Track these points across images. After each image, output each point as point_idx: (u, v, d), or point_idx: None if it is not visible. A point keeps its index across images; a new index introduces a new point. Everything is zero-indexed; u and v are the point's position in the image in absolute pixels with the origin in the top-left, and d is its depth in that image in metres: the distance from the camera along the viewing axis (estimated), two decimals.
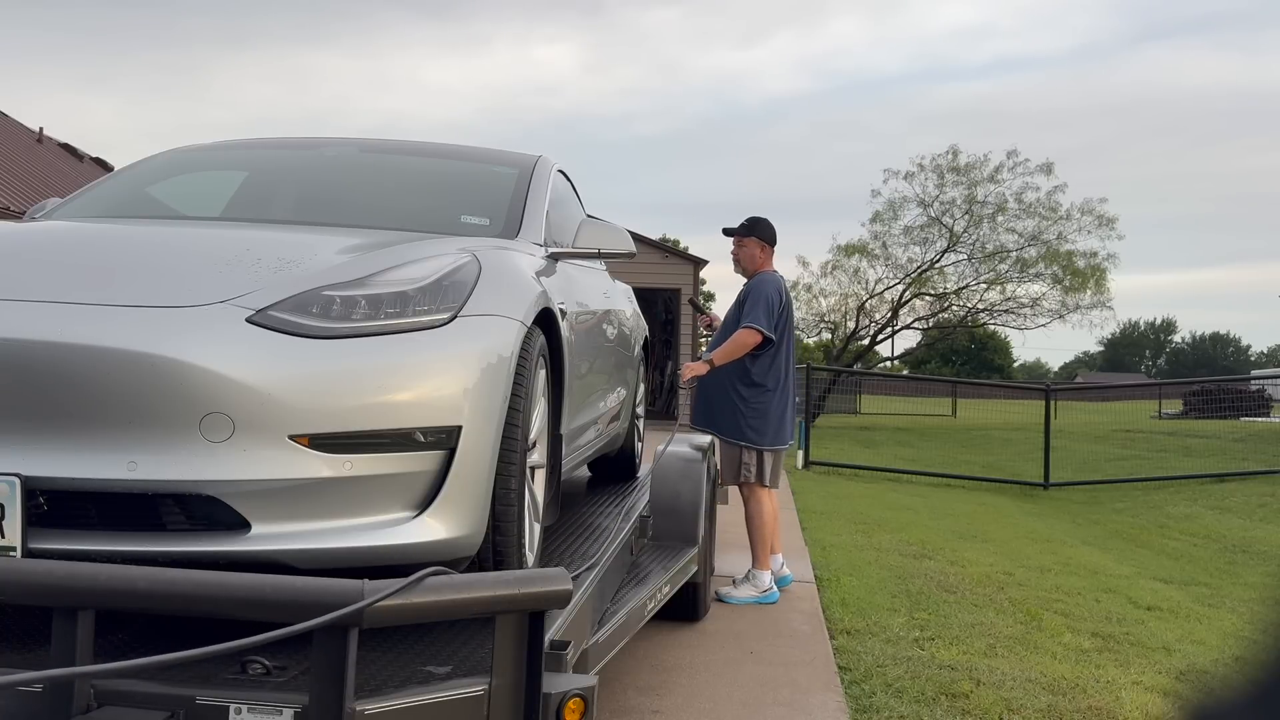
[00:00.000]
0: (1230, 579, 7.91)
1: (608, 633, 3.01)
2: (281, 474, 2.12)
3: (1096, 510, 12.46)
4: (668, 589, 3.91)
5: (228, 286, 2.24)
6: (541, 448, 2.85)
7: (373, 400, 2.22)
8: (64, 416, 2.07)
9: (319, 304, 2.25)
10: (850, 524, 8.68)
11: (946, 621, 5.13)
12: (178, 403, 2.07)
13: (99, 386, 2.06)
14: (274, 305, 2.21)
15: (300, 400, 2.14)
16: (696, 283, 26.81)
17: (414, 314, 2.34)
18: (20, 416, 2.06)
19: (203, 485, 2.09)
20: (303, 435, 2.14)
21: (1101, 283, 27.48)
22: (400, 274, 2.40)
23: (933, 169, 28.32)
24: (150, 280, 2.30)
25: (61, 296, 2.17)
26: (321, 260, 2.46)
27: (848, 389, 27.55)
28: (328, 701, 1.91)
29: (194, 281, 2.29)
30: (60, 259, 2.47)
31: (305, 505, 2.17)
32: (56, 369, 2.05)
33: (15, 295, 2.16)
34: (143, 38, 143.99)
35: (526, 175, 3.66)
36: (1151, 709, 3.89)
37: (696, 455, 4.71)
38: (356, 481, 2.20)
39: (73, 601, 1.97)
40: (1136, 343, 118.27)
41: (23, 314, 2.11)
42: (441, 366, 2.34)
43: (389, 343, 2.28)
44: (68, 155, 21.39)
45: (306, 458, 2.15)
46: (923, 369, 45.83)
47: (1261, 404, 22.24)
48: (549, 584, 2.11)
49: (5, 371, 2.05)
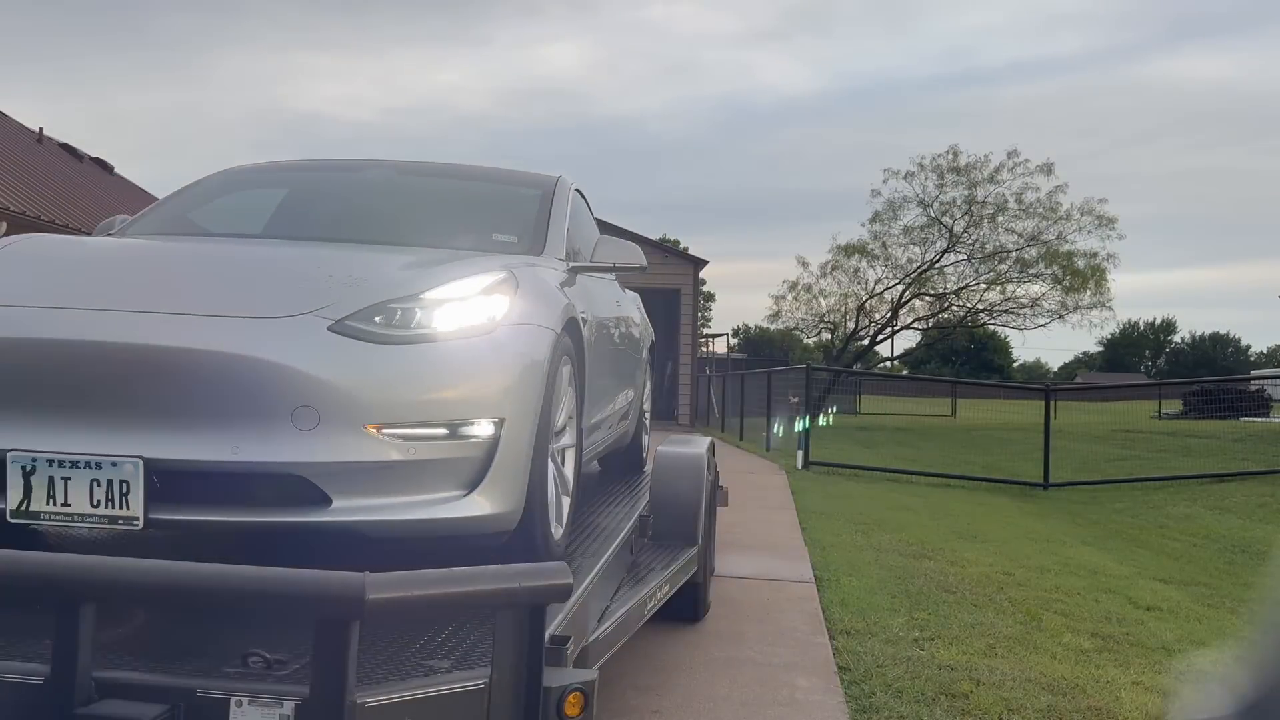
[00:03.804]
0: (1230, 579, 7.91)
1: (607, 630, 3.02)
2: (357, 457, 2.48)
3: (1096, 510, 12.46)
4: (667, 588, 3.92)
5: (310, 300, 2.62)
6: (570, 434, 3.27)
7: (431, 396, 2.59)
8: (179, 408, 2.43)
9: (385, 314, 2.61)
10: (850, 524, 8.69)
11: (946, 621, 5.14)
12: (273, 397, 2.43)
13: (209, 383, 2.43)
14: (349, 316, 2.58)
15: (372, 395, 2.50)
16: (696, 283, 26.82)
17: (464, 323, 2.71)
18: (143, 408, 2.43)
19: (292, 466, 2.44)
20: (374, 424, 2.49)
21: (1101, 283, 27.50)
22: (452, 289, 2.77)
23: (933, 169, 28.35)
24: (247, 294, 2.71)
25: (176, 308, 2.56)
26: (384, 276, 2.84)
27: (847, 389, 27.56)
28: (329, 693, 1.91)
29: (283, 295, 2.68)
30: (165, 274, 2.90)
31: (375, 484, 2.51)
32: (173, 369, 2.44)
33: (134, 307, 2.56)
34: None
35: (549, 196, 4.06)
36: (1151, 709, 3.89)
37: (696, 455, 4.72)
38: (418, 464, 2.55)
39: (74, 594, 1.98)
40: (1136, 343, 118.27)
41: (144, 323, 2.49)
42: (488, 368, 2.71)
43: (444, 347, 2.65)
44: (68, 155, 21.38)
45: (378, 444, 2.50)
46: (922, 369, 45.85)
47: (1261, 404, 22.23)
48: (549, 578, 2.12)
49: (130, 371, 2.43)
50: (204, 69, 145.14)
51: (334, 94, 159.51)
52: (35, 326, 2.51)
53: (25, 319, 2.54)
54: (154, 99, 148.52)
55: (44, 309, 2.59)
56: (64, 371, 2.45)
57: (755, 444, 18.27)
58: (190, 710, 1.98)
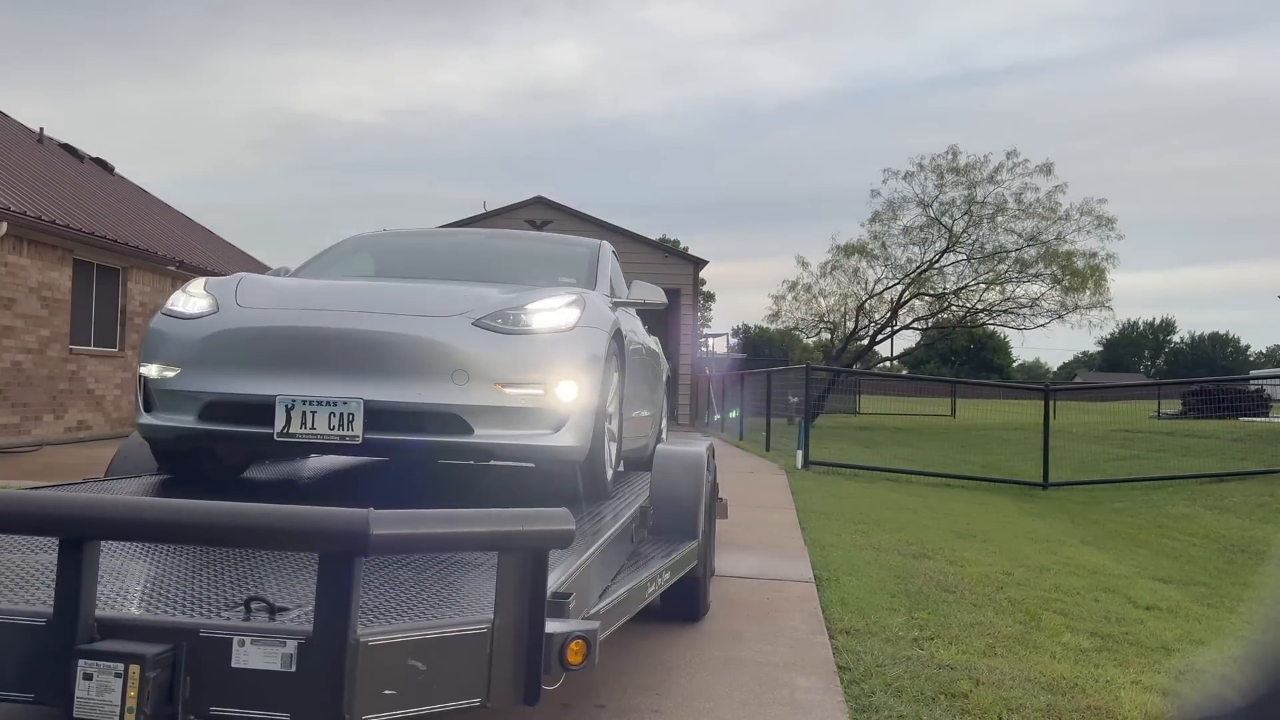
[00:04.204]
0: (1229, 579, 7.91)
1: (608, 605, 3.04)
2: (490, 403, 3.79)
3: (1095, 510, 12.46)
4: (668, 575, 3.96)
5: (459, 307, 3.98)
6: (615, 404, 4.63)
7: (534, 368, 3.88)
8: (384, 369, 3.73)
9: (504, 317, 3.95)
10: (849, 524, 8.69)
11: (946, 621, 5.14)
12: (441, 363, 3.76)
13: (402, 354, 3.75)
14: (484, 316, 3.93)
15: (498, 364, 3.81)
16: (696, 283, 26.82)
17: (552, 324, 4.02)
18: (363, 369, 3.73)
19: (452, 408, 3.75)
20: (500, 383, 3.81)
21: (1101, 283, 27.49)
22: (545, 303, 4.11)
23: (932, 169, 28.35)
24: (421, 304, 4.02)
25: (380, 310, 3.92)
26: (501, 296, 4.16)
27: (847, 389, 27.56)
28: (332, 631, 1.91)
29: (442, 305, 4.01)
30: (363, 293, 4.27)
31: (500, 420, 3.82)
32: (380, 345, 3.76)
33: (359, 308, 3.94)
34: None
35: (595, 252, 5.62)
36: (1150, 708, 3.89)
37: (696, 452, 4.79)
38: (526, 410, 3.86)
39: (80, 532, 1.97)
40: (1135, 343, 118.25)
41: (362, 318, 3.85)
42: (568, 353, 4.00)
43: (540, 338, 3.96)
44: (68, 155, 21.37)
45: (502, 394, 3.81)
46: (922, 369, 45.82)
47: (1260, 404, 22.23)
48: (552, 523, 2.13)
49: (353, 347, 3.75)
50: (202, 69, 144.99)
51: (333, 94, 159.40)
52: (294, 320, 3.90)
53: (284, 316, 3.93)
54: (153, 99, 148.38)
55: (296, 309, 3.99)
56: (311, 347, 3.77)
57: (755, 444, 18.28)
58: (192, 649, 1.98)
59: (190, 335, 3.91)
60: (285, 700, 1.95)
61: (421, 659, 2.05)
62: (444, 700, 2.08)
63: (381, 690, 1.98)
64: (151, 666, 1.91)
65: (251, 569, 2.65)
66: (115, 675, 1.89)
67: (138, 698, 1.89)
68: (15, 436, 13.54)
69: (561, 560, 2.81)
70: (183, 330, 3.95)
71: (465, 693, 2.10)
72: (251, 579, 2.51)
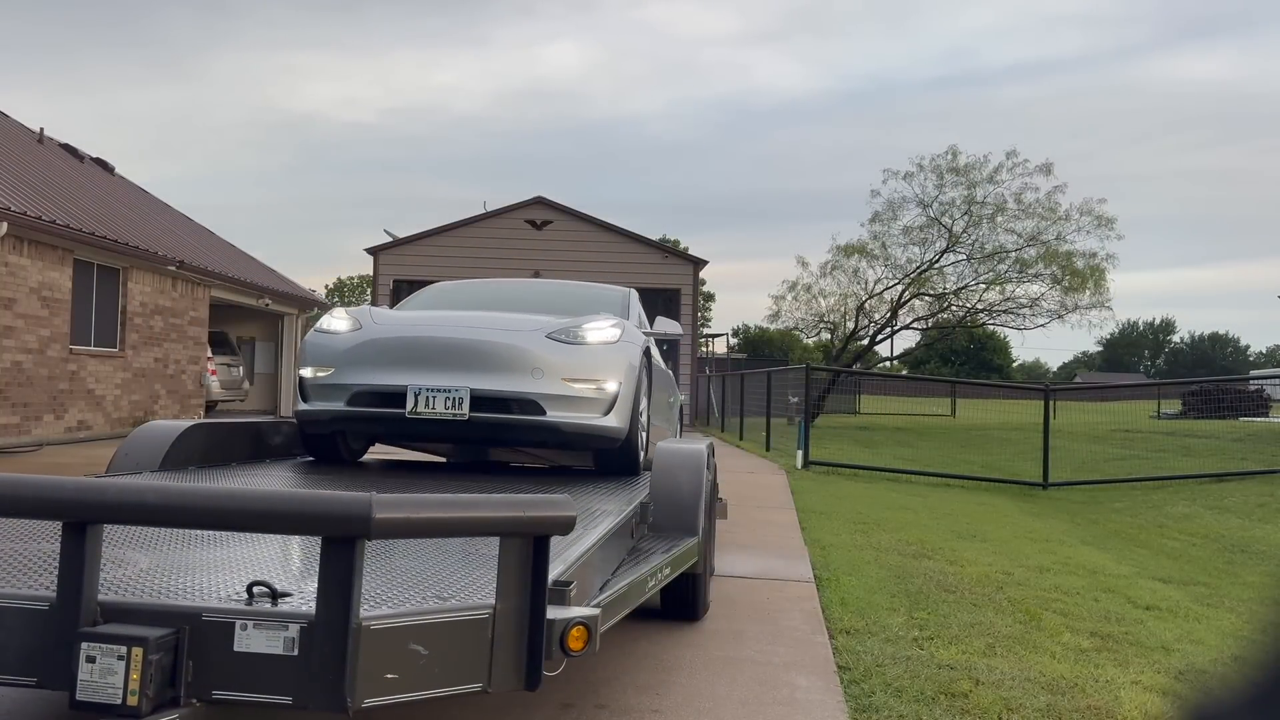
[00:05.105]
0: (1229, 578, 7.92)
1: (609, 598, 3.04)
2: (558, 392, 5.19)
3: (1095, 510, 12.47)
4: (668, 571, 3.96)
5: (536, 325, 5.41)
6: (645, 403, 5.90)
7: (590, 368, 5.29)
8: (485, 367, 5.14)
9: (567, 333, 5.37)
10: (849, 524, 8.69)
11: (946, 621, 5.14)
12: (523, 363, 5.18)
13: (498, 356, 5.17)
14: (553, 332, 5.35)
15: (564, 365, 5.23)
16: (696, 283, 26.82)
17: (602, 338, 5.44)
18: (469, 367, 5.14)
19: (531, 395, 5.15)
20: (566, 378, 5.21)
21: (1100, 283, 27.46)
22: (596, 323, 5.53)
23: (932, 169, 28.33)
24: (508, 324, 5.46)
25: (482, 327, 5.38)
26: (564, 320, 5.55)
27: (847, 389, 27.56)
28: (334, 614, 1.91)
29: (524, 324, 5.45)
30: (466, 317, 5.65)
31: (565, 405, 5.21)
32: (483, 351, 5.19)
33: (463, 325, 5.42)
34: None
35: (626, 295, 7.09)
36: (1150, 708, 3.89)
37: (697, 450, 4.82)
38: (583, 399, 5.25)
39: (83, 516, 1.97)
40: (1135, 343, 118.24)
41: (470, 332, 5.31)
42: (614, 358, 5.42)
43: (594, 348, 5.38)
44: (68, 155, 21.37)
45: (567, 386, 5.21)
46: (922, 369, 45.83)
47: (1260, 404, 22.23)
48: (553, 509, 2.13)
49: (464, 352, 5.18)
50: (202, 69, 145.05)
51: (331, 94, 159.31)
52: (418, 333, 5.40)
53: (411, 331, 5.44)
54: (152, 99, 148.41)
55: (418, 326, 5.49)
56: (431, 353, 5.22)
57: (755, 444, 18.28)
58: (195, 633, 1.98)
59: (341, 345, 5.38)
60: (287, 684, 1.95)
61: (423, 643, 2.05)
62: (446, 685, 2.08)
63: (383, 674, 1.98)
64: (154, 649, 1.90)
65: (255, 555, 2.66)
66: (118, 658, 1.89)
67: (140, 680, 1.88)
68: (15, 436, 13.54)
69: (562, 551, 2.81)
70: (334, 342, 5.42)
71: (467, 677, 2.10)
72: (255, 565, 2.52)
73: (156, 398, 17.69)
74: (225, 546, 2.80)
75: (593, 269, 25.11)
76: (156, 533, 3.01)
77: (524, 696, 3.59)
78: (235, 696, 1.96)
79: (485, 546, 2.77)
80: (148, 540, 2.90)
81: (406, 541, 2.85)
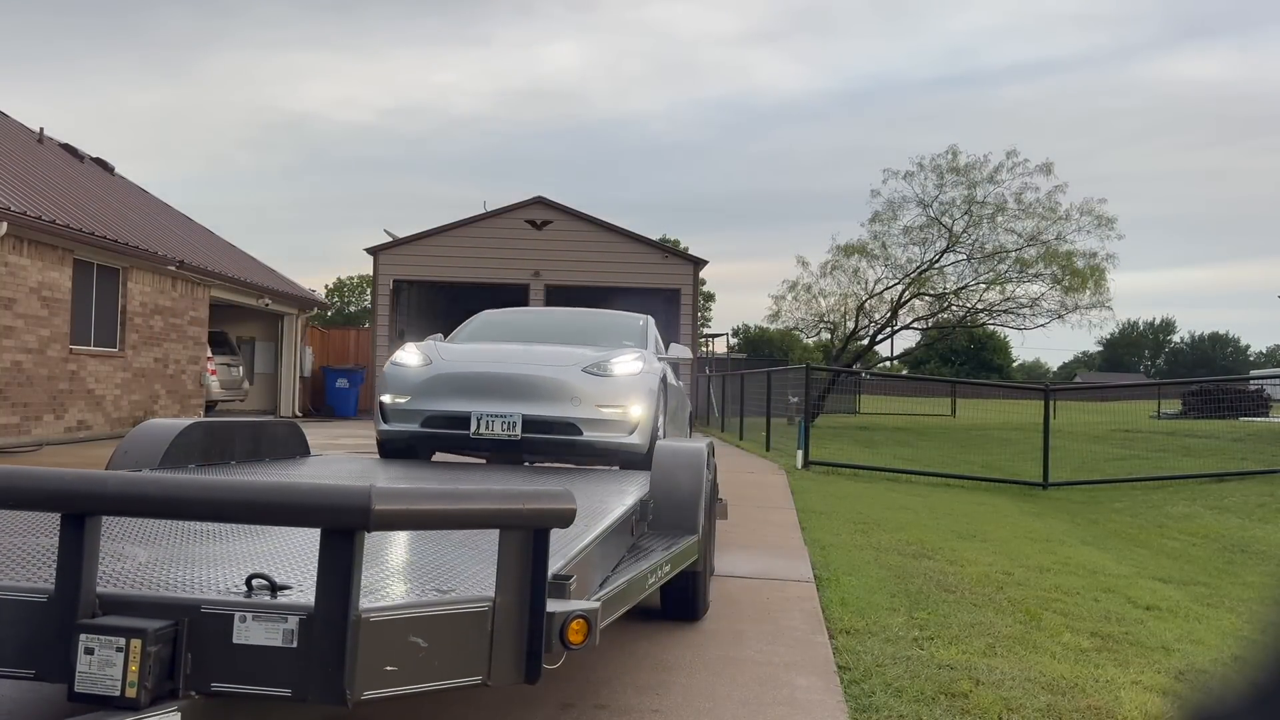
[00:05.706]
0: (1229, 578, 7.91)
1: (609, 594, 3.04)
2: (592, 415, 6.34)
3: (1095, 510, 12.47)
4: (668, 568, 3.96)
5: (573, 360, 6.56)
6: (663, 421, 6.90)
7: (618, 396, 6.40)
8: (533, 396, 6.33)
9: (598, 367, 6.48)
10: (849, 524, 8.69)
11: (946, 621, 5.14)
12: (564, 393, 6.36)
13: (544, 388, 6.37)
14: (587, 366, 6.48)
15: (597, 393, 6.37)
16: (696, 283, 26.81)
17: (627, 371, 6.52)
18: (520, 396, 6.34)
19: (570, 419, 6.33)
20: (598, 404, 6.35)
21: (1101, 283, 27.44)
22: (622, 357, 6.63)
23: (932, 169, 28.31)
24: (552, 358, 6.62)
25: (529, 363, 6.57)
26: (595, 355, 6.63)
27: (847, 389, 27.57)
28: (334, 606, 1.90)
29: (564, 359, 6.59)
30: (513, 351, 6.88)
31: (598, 427, 6.34)
32: (532, 383, 6.39)
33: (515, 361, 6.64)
34: None
35: (645, 323, 8.10)
36: (1150, 708, 3.89)
37: (697, 448, 4.83)
38: (613, 421, 6.36)
39: (82, 508, 1.96)
40: (1135, 343, 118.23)
41: (521, 368, 6.50)
42: (637, 388, 6.48)
43: (621, 379, 6.47)
44: (68, 155, 21.37)
45: (599, 411, 6.34)
46: (922, 369, 45.83)
47: (1260, 404, 22.23)
48: (553, 502, 2.13)
49: (517, 383, 6.39)
50: (201, 69, 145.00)
51: (330, 94, 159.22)
52: (479, 369, 6.52)
53: (473, 367, 6.56)
54: (152, 99, 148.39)
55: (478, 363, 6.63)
56: (491, 385, 6.35)
57: (755, 444, 18.27)
58: (194, 625, 1.97)
59: (415, 378, 6.52)
60: (287, 676, 1.94)
61: (423, 636, 2.04)
62: (445, 678, 2.07)
63: (383, 666, 1.97)
64: (153, 641, 1.90)
65: (254, 549, 2.66)
66: (116, 650, 1.88)
67: (139, 672, 1.88)
68: (15, 436, 13.54)
69: (563, 546, 2.81)
70: (409, 375, 6.58)
71: (466, 670, 2.10)
72: (254, 558, 2.51)
73: (156, 398, 17.69)
74: (225, 540, 2.80)
75: (593, 269, 25.09)
76: (156, 527, 3.02)
77: (524, 695, 3.59)
78: (234, 688, 1.96)
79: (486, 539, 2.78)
80: (147, 534, 2.91)
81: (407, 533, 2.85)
